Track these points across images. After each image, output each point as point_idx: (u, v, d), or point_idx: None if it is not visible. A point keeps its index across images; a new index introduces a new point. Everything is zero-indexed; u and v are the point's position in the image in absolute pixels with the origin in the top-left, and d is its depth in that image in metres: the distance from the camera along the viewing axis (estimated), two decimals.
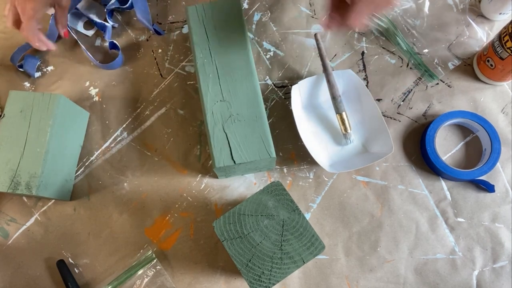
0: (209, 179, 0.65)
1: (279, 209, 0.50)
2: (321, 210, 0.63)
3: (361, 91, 0.65)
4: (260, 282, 0.47)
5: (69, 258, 0.63)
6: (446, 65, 0.69)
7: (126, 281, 0.61)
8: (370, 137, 0.64)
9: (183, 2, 0.76)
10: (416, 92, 0.68)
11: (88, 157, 0.67)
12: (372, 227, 0.62)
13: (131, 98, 0.70)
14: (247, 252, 0.48)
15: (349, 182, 0.64)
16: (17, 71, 0.72)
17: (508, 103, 0.67)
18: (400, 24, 0.72)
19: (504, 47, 0.60)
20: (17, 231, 0.64)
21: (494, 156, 0.62)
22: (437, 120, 0.64)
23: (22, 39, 0.72)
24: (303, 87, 0.65)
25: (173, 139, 0.68)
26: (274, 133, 0.67)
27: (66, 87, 0.71)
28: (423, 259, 0.61)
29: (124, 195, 0.65)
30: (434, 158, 0.62)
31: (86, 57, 0.72)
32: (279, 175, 0.65)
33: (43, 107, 0.61)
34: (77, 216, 0.64)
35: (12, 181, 0.58)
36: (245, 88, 0.59)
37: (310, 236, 0.49)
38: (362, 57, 0.71)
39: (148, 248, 0.62)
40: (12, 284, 0.62)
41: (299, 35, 0.72)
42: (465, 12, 0.72)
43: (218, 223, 0.50)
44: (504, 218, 0.62)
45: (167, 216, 0.64)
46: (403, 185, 0.64)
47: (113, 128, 0.68)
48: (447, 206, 0.62)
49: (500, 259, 0.60)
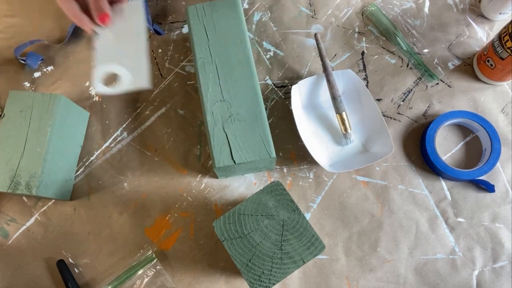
0: (209, 179, 0.65)
1: (279, 209, 0.50)
2: (321, 210, 0.63)
3: (361, 91, 0.65)
4: (260, 282, 0.47)
5: (69, 258, 0.63)
6: (446, 65, 0.69)
7: (126, 281, 0.61)
8: (370, 137, 0.64)
9: (183, 2, 0.76)
10: (416, 92, 0.68)
11: (88, 157, 0.67)
12: (372, 227, 0.62)
13: (131, 98, 0.70)
14: (247, 252, 0.48)
15: (349, 182, 0.64)
16: (17, 71, 0.72)
17: (508, 103, 0.67)
18: (400, 24, 0.72)
19: (504, 47, 0.60)
20: (17, 231, 0.64)
21: (494, 156, 0.62)
22: (437, 120, 0.64)
23: (22, 39, 0.73)
24: (303, 87, 0.65)
25: (173, 139, 0.68)
26: (274, 133, 0.67)
27: (66, 87, 0.71)
28: (423, 259, 0.61)
29: (124, 195, 0.65)
30: (434, 158, 0.62)
31: (86, 57, 0.72)
32: (279, 175, 0.65)
33: (43, 107, 0.61)
34: (77, 216, 0.64)
35: (12, 181, 0.58)
36: (245, 88, 0.59)
37: (310, 236, 0.49)
38: (362, 57, 0.71)
39: (148, 248, 0.62)
40: (12, 284, 0.62)
41: (299, 35, 0.72)
42: (465, 12, 0.72)
43: (218, 223, 0.50)
44: (504, 218, 0.62)
45: (167, 216, 0.64)
46: (403, 185, 0.64)
47: (113, 128, 0.68)
48: (447, 206, 0.62)
49: (500, 259, 0.60)
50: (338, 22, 0.73)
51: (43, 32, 0.74)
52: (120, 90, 0.54)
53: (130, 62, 0.55)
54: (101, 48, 0.56)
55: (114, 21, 0.54)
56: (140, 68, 0.55)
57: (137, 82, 0.54)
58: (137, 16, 0.55)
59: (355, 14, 0.73)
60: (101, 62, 0.56)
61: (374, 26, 0.72)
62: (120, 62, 0.55)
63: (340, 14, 0.73)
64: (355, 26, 0.73)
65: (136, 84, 0.54)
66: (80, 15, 0.54)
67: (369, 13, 0.73)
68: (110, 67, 0.55)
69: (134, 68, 0.55)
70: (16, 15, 0.76)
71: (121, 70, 0.55)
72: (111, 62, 0.55)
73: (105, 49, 0.56)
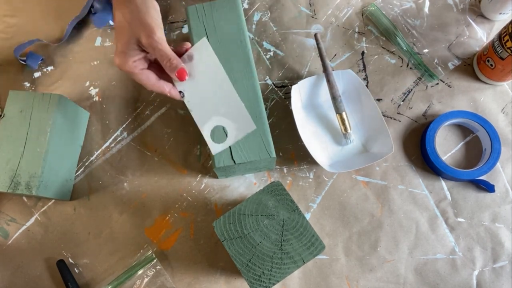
0: (209, 179, 0.65)
1: (279, 209, 0.50)
2: (321, 210, 0.63)
3: (361, 91, 0.65)
4: (260, 282, 0.47)
5: (69, 258, 0.63)
6: (446, 65, 0.69)
7: (126, 281, 0.61)
8: (370, 137, 0.64)
9: (183, 2, 0.76)
10: (416, 92, 0.68)
11: (88, 157, 0.67)
12: (372, 227, 0.62)
13: (131, 98, 0.70)
14: (247, 252, 0.48)
15: (349, 182, 0.64)
16: (17, 71, 0.72)
17: (508, 103, 0.67)
18: (400, 24, 0.72)
19: (504, 47, 0.60)
20: (17, 231, 0.64)
21: (494, 156, 0.62)
22: (437, 120, 0.64)
23: (22, 39, 0.73)
24: (303, 87, 0.65)
25: (173, 139, 0.68)
26: (274, 133, 0.67)
27: (66, 87, 0.71)
28: (423, 259, 0.61)
29: (124, 195, 0.65)
30: (434, 158, 0.62)
31: (86, 57, 0.72)
32: (279, 175, 0.65)
33: (43, 107, 0.60)
34: (77, 216, 0.64)
35: (12, 181, 0.58)
36: (245, 88, 0.59)
37: (310, 236, 0.49)
38: (362, 57, 0.71)
39: (148, 248, 0.62)
40: (12, 284, 0.62)
41: (299, 35, 0.72)
42: (465, 12, 0.72)
43: (218, 223, 0.50)
44: (504, 218, 0.62)
45: (167, 216, 0.64)
46: (403, 185, 0.64)
47: (113, 128, 0.68)
48: (447, 206, 0.62)
49: (500, 259, 0.60)
50: (338, 22, 0.73)
51: (43, 32, 0.74)
52: (232, 141, 0.50)
53: (227, 108, 0.51)
54: (194, 108, 0.52)
55: (190, 71, 0.51)
56: (239, 111, 0.50)
57: (242, 127, 0.50)
58: (208, 55, 0.50)
59: (355, 14, 0.73)
60: (203, 122, 0.52)
61: (374, 26, 0.72)
62: (218, 112, 0.51)
63: (340, 14, 0.73)
64: (355, 26, 0.73)
65: (243, 130, 0.50)
66: (160, 84, 0.51)
67: (369, 13, 0.73)
68: (213, 122, 0.51)
69: (233, 113, 0.51)
70: (16, 15, 0.76)
71: (223, 120, 0.51)
72: (210, 117, 0.51)
73: (199, 106, 0.52)
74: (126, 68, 0.50)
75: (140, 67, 0.50)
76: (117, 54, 0.50)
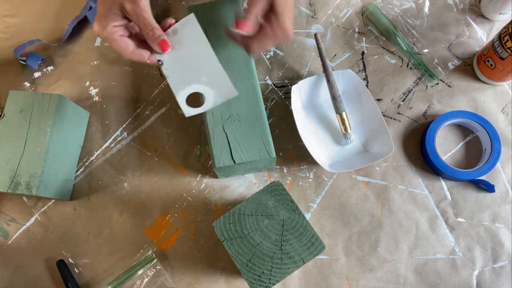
0: (209, 179, 0.65)
1: (279, 209, 0.50)
2: (321, 210, 0.63)
3: (361, 91, 0.65)
4: (260, 282, 0.47)
5: (69, 258, 0.63)
6: (446, 65, 0.69)
7: (126, 281, 0.61)
8: (370, 137, 0.64)
9: (183, 2, 0.76)
10: (416, 92, 0.68)
11: (88, 157, 0.67)
12: (372, 227, 0.62)
13: (131, 98, 0.70)
14: (247, 252, 0.48)
15: (349, 182, 0.64)
16: (17, 71, 0.72)
17: (508, 103, 0.67)
18: (400, 24, 0.72)
19: (504, 47, 0.60)
20: (17, 231, 0.64)
21: (494, 156, 0.62)
22: (437, 120, 0.64)
23: (22, 39, 0.73)
24: (303, 87, 0.65)
25: (173, 139, 0.68)
26: (274, 133, 0.67)
27: (66, 87, 0.71)
28: (423, 259, 0.61)
29: (124, 195, 0.65)
30: (434, 158, 0.62)
31: (86, 57, 0.72)
32: (279, 175, 0.65)
33: (43, 107, 0.61)
34: (77, 216, 0.64)
35: (12, 181, 0.58)
36: (245, 87, 0.59)
37: (310, 236, 0.49)
38: (362, 57, 0.71)
39: (148, 248, 0.62)
40: (12, 284, 0.62)
41: (299, 35, 0.72)
42: (465, 12, 0.72)
43: (218, 223, 0.50)
44: (504, 218, 0.62)
45: (167, 216, 0.64)
46: (403, 185, 0.64)
47: (113, 128, 0.68)
48: (447, 206, 0.62)
49: (500, 259, 0.60)
50: (338, 22, 0.73)
51: (43, 32, 0.74)
52: (210, 106, 0.51)
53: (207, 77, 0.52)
54: (172, 75, 0.53)
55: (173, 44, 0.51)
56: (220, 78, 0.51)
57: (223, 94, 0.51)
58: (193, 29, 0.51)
59: (355, 14, 0.73)
60: (179, 88, 0.53)
61: (374, 26, 0.72)
62: (198, 81, 0.53)
63: (340, 14, 0.73)
64: (355, 26, 0.73)
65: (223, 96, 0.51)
66: (139, 52, 0.51)
67: (369, 13, 0.73)
68: (190, 89, 0.53)
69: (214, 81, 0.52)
70: (16, 15, 0.76)
71: (202, 87, 0.53)
72: (189, 84, 0.53)
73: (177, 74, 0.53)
74: (105, 34, 0.48)
75: (119, 33, 0.49)
76: (97, 18, 0.48)
